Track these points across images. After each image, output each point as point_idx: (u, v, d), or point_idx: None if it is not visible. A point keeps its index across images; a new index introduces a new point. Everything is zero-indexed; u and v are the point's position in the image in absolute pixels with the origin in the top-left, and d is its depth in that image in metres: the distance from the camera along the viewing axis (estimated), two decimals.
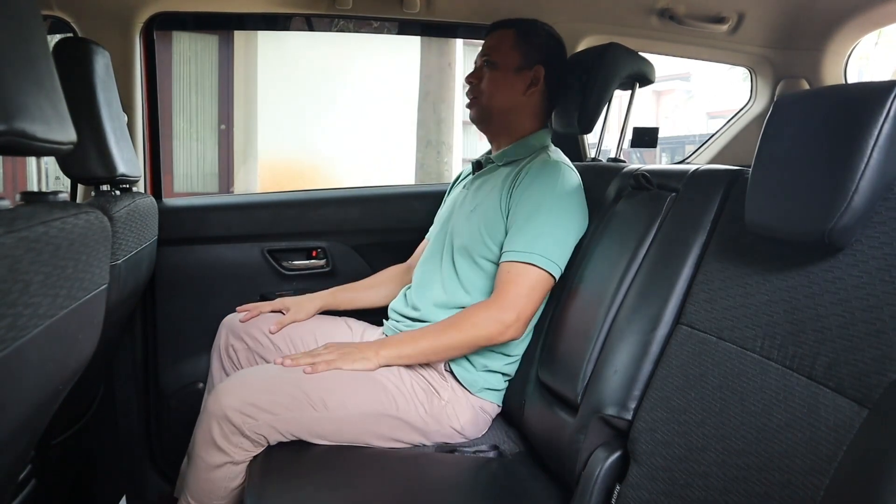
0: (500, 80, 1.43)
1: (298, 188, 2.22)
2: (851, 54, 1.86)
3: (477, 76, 1.45)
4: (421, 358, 1.29)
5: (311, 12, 1.79)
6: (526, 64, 1.43)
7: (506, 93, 1.43)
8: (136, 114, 1.65)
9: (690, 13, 1.75)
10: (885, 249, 0.72)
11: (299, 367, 1.21)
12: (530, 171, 1.34)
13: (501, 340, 1.27)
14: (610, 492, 0.97)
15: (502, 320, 1.25)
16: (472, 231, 1.36)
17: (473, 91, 1.46)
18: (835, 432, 0.69)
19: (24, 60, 0.61)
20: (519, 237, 1.28)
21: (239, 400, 1.14)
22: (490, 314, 1.25)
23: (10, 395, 0.63)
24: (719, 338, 0.90)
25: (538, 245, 1.27)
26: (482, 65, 1.45)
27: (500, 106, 1.43)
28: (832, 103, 0.78)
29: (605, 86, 1.52)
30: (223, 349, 1.48)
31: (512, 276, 1.27)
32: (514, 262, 1.27)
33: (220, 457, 1.16)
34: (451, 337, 1.26)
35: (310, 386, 1.18)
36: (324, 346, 1.30)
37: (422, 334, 1.29)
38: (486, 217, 1.35)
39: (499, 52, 1.44)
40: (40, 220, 0.63)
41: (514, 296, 1.25)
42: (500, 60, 1.43)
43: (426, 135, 5.26)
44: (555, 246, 1.28)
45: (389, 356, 1.26)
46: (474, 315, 1.27)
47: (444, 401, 1.29)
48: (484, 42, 1.48)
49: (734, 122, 2.09)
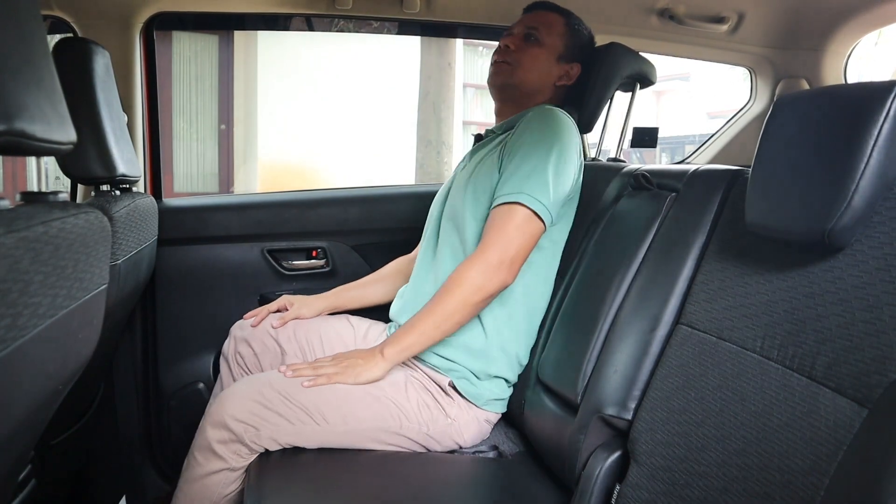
0: (541, 59, 1.39)
1: (298, 188, 2.22)
2: (851, 54, 1.85)
3: (516, 44, 1.39)
4: (427, 341, 1.23)
5: (311, 12, 1.79)
6: (567, 56, 1.41)
7: (541, 74, 1.40)
8: (136, 114, 1.65)
9: (690, 13, 1.75)
10: (885, 249, 0.72)
11: (299, 377, 1.20)
12: (524, 120, 1.31)
13: (492, 288, 1.20)
14: (610, 492, 0.97)
15: (487, 266, 1.19)
16: (467, 198, 1.32)
17: (506, 56, 1.39)
18: (835, 432, 0.69)
19: (24, 60, 0.61)
20: (508, 182, 1.23)
21: (241, 409, 1.13)
22: (474, 265, 1.20)
23: (10, 395, 0.63)
24: (719, 338, 0.90)
25: (525, 185, 1.21)
26: (523, 35, 1.40)
27: (529, 83, 1.40)
28: (832, 103, 0.78)
29: (605, 86, 1.52)
30: (231, 356, 1.47)
31: (496, 220, 1.22)
32: (499, 206, 1.22)
33: (217, 463, 1.15)
34: (446, 304, 1.20)
35: (311, 399, 1.16)
36: (331, 357, 1.26)
37: (418, 318, 1.23)
38: (480, 179, 1.31)
39: (548, 32, 1.40)
40: (40, 220, 0.63)
41: (495, 238, 1.20)
42: (547, 41, 1.40)
43: (426, 135, 5.27)
44: (543, 187, 1.22)
45: (395, 353, 1.22)
46: (460, 274, 1.21)
47: (449, 419, 1.26)
48: (527, 15, 1.44)
49: (734, 122, 2.09)
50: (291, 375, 1.20)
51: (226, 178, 6.72)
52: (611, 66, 1.51)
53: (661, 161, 6.80)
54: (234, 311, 1.70)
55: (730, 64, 2.01)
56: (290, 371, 1.20)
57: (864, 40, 1.83)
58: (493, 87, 1.45)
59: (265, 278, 1.80)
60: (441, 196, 1.47)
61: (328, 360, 1.25)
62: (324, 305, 1.54)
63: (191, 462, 1.18)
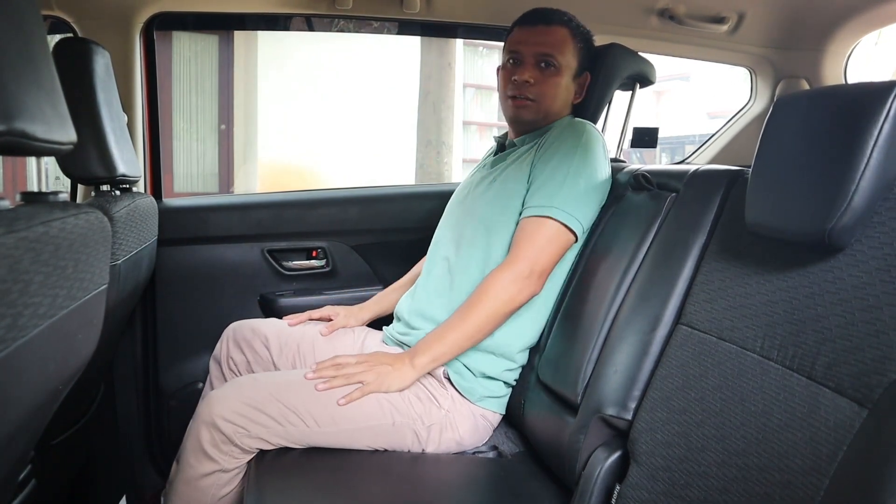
0: (562, 85, 1.37)
1: (298, 188, 2.22)
2: (851, 54, 1.85)
3: (535, 76, 1.34)
4: (457, 351, 1.23)
5: (311, 12, 1.79)
6: (581, 70, 1.40)
7: (564, 99, 1.39)
8: (136, 114, 1.65)
9: (690, 13, 1.75)
10: (885, 249, 0.72)
11: (298, 378, 1.18)
12: (553, 133, 1.31)
13: (522, 299, 1.22)
14: (610, 492, 0.97)
15: (517, 277, 1.20)
16: (492, 207, 1.32)
17: (527, 91, 1.34)
18: (835, 432, 0.69)
19: (24, 60, 0.61)
20: (538, 193, 1.24)
21: (230, 410, 1.12)
22: (504, 276, 1.21)
23: (10, 395, 0.62)
24: (719, 338, 0.90)
25: (557, 199, 1.22)
26: (536, 62, 1.34)
27: (555, 111, 1.38)
28: (832, 103, 0.78)
29: (605, 86, 1.52)
30: (223, 358, 1.46)
31: (527, 231, 1.23)
32: (530, 218, 1.23)
33: (209, 465, 1.14)
34: (475, 315, 1.21)
35: (302, 401, 1.15)
36: (354, 357, 1.23)
37: (447, 327, 1.23)
38: (507, 189, 1.31)
39: (562, 53, 1.35)
40: (40, 220, 0.63)
41: (525, 249, 1.21)
42: (564, 63, 1.35)
43: (426, 135, 5.27)
44: (575, 201, 1.23)
45: (425, 363, 1.21)
46: (490, 284, 1.21)
47: (443, 410, 1.25)
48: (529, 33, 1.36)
49: (734, 122, 2.09)
50: (312, 377, 1.18)
51: (226, 178, 6.72)
52: (611, 67, 1.51)
53: (661, 161, 6.80)
54: (234, 312, 1.70)
55: (730, 64, 2.01)
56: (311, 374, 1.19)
57: (864, 40, 1.83)
58: (516, 122, 1.41)
59: (265, 278, 1.80)
60: (456, 203, 1.46)
61: (352, 360, 1.22)
62: (369, 315, 1.53)
63: (183, 464, 1.18)
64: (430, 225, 1.61)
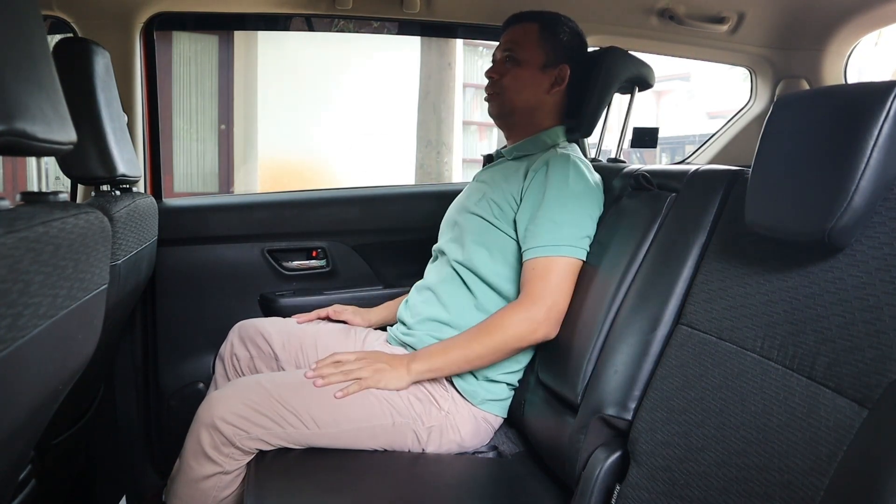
0: (524, 77, 1.39)
1: (298, 188, 2.22)
2: (851, 54, 1.85)
3: (498, 71, 1.41)
4: (453, 369, 1.24)
5: (311, 12, 1.79)
6: (551, 62, 1.40)
7: (530, 91, 1.40)
8: (136, 114, 1.65)
9: (690, 13, 1.75)
10: (885, 249, 0.72)
11: (298, 378, 1.19)
12: (542, 168, 1.32)
13: (534, 339, 1.23)
14: (610, 492, 0.97)
15: (532, 318, 1.21)
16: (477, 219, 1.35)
17: (494, 87, 1.42)
18: (835, 432, 0.69)
19: (24, 60, 0.61)
20: (539, 232, 1.26)
21: (230, 411, 1.12)
22: (519, 314, 1.22)
23: (10, 395, 0.62)
24: (719, 338, 0.90)
25: (560, 236, 1.24)
26: (503, 59, 1.41)
27: (523, 104, 1.41)
28: (832, 103, 0.78)
29: (604, 90, 1.51)
30: (228, 356, 1.47)
31: (538, 271, 1.24)
32: (538, 258, 1.25)
33: (210, 467, 1.14)
34: (482, 343, 1.22)
35: (302, 402, 1.15)
36: (353, 354, 1.25)
37: (452, 344, 1.24)
38: (496, 201, 1.34)
39: (523, 48, 1.39)
40: (40, 220, 0.63)
41: (542, 290, 1.22)
42: (525, 57, 1.39)
43: (426, 135, 5.27)
44: (577, 230, 1.26)
45: (421, 371, 1.22)
46: (503, 317, 1.23)
47: (443, 411, 1.25)
48: (504, 35, 1.43)
49: (734, 122, 2.09)
50: (312, 376, 1.19)
51: (226, 177, 6.72)
52: (609, 71, 1.50)
53: (661, 161, 6.80)
54: (234, 312, 1.70)
55: (730, 64, 2.02)
56: (310, 373, 1.20)
57: (864, 40, 1.83)
58: (493, 118, 1.47)
59: (265, 278, 1.80)
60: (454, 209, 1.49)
61: (350, 357, 1.24)
62: (377, 318, 1.54)
63: (183, 466, 1.17)
64: (431, 225, 1.61)
